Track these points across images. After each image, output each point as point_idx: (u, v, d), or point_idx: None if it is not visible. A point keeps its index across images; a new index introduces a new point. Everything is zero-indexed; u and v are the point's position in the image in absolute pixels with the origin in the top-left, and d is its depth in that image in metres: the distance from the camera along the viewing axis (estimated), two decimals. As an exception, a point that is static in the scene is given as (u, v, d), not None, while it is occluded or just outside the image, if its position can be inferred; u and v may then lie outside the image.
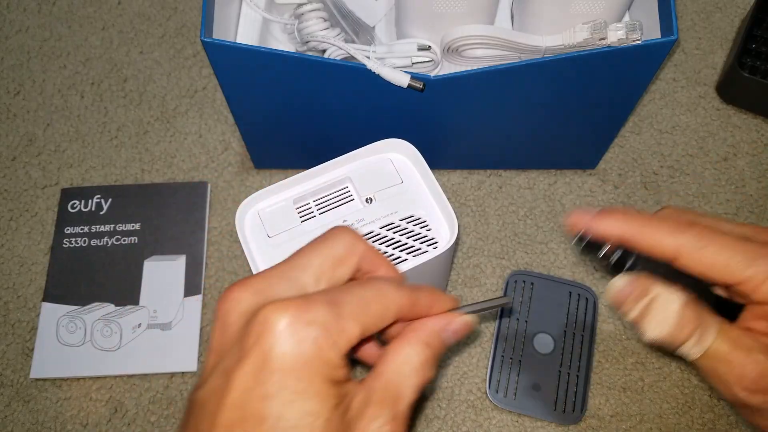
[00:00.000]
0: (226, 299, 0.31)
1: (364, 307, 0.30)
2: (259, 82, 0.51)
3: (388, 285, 0.31)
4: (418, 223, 0.45)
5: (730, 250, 0.33)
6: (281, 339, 0.28)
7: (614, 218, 0.36)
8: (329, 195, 0.46)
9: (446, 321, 0.34)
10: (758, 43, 0.68)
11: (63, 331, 0.60)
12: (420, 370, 0.32)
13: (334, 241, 0.33)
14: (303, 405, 0.28)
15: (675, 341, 0.34)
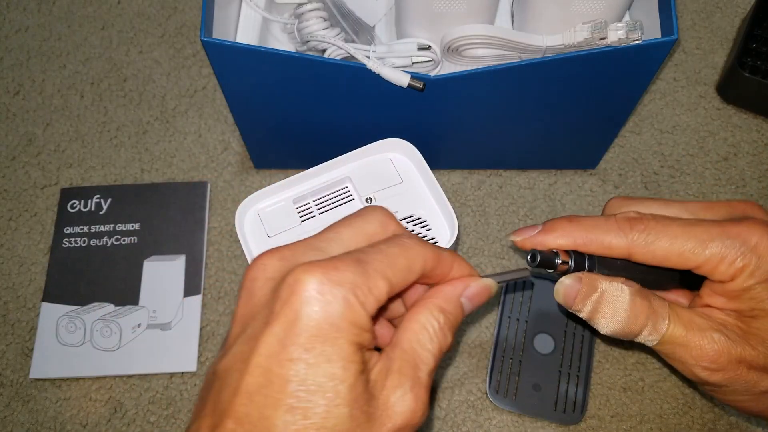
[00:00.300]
0: (252, 267, 0.30)
1: (391, 263, 0.30)
2: (259, 82, 0.51)
3: (413, 240, 0.31)
4: (419, 222, 0.45)
5: (680, 238, 0.34)
6: (310, 300, 0.27)
7: (561, 230, 0.35)
8: (329, 195, 0.46)
9: (464, 285, 0.33)
10: (759, 42, 0.67)
11: (62, 331, 0.60)
12: (438, 336, 0.31)
13: (367, 217, 0.33)
14: (328, 368, 0.27)
15: (630, 332, 0.35)
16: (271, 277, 0.30)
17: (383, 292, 0.29)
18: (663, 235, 0.34)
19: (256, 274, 0.30)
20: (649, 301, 0.35)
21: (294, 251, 0.31)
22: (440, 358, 0.32)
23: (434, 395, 0.58)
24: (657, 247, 0.34)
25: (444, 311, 0.32)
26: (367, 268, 0.29)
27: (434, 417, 0.57)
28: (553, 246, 0.35)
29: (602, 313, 0.35)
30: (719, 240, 0.33)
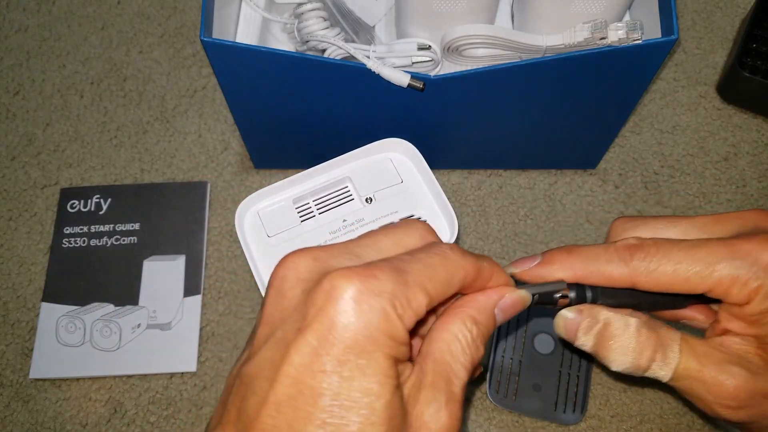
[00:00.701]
0: (282, 265, 0.28)
1: (431, 274, 0.28)
2: (259, 81, 0.51)
3: (453, 251, 0.29)
4: (418, 222, 0.45)
5: (684, 262, 0.31)
6: (348, 309, 0.25)
7: (560, 262, 0.34)
8: (329, 195, 0.46)
9: (499, 295, 0.31)
10: (759, 42, 0.67)
11: (62, 331, 0.60)
12: (470, 348, 0.29)
13: (408, 230, 0.31)
14: (364, 383, 0.25)
15: (638, 366, 0.33)
16: (303, 278, 0.28)
17: (422, 305, 0.27)
18: (666, 261, 0.31)
19: (287, 273, 0.28)
20: (657, 332, 0.33)
21: (329, 253, 0.29)
22: (473, 371, 0.30)
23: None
24: (660, 274, 0.32)
25: (477, 322, 0.30)
26: (407, 278, 0.27)
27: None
28: (552, 279, 0.34)
29: (606, 347, 0.33)
30: (727, 261, 0.31)
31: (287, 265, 0.28)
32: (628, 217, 0.36)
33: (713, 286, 0.31)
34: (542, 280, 0.34)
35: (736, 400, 0.31)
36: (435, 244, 0.30)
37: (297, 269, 0.28)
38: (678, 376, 0.32)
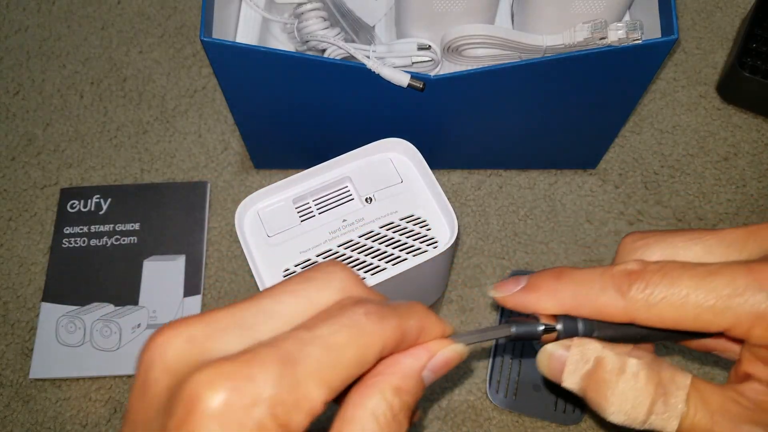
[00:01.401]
0: (150, 346, 0.22)
1: (334, 359, 0.22)
2: (259, 81, 0.51)
3: (369, 317, 0.23)
4: (418, 222, 0.45)
5: (694, 295, 0.25)
6: (214, 426, 0.20)
7: (546, 288, 0.28)
8: (329, 194, 0.46)
9: (429, 355, 0.26)
10: (759, 42, 0.67)
11: (62, 331, 0.60)
12: (390, 426, 0.24)
13: (321, 283, 0.25)
14: None
15: (634, 418, 0.26)
16: (171, 369, 0.22)
17: (318, 402, 0.22)
18: (671, 293, 0.25)
19: (153, 358, 0.22)
20: (660, 375, 0.26)
21: (210, 329, 0.22)
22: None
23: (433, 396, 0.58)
24: (664, 310, 0.25)
25: (400, 392, 0.24)
26: (297, 372, 0.21)
27: (434, 417, 0.57)
28: (537, 309, 0.28)
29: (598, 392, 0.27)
30: (749, 293, 0.24)
31: (155, 348, 0.22)
32: (641, 232, 0.30)
33: (731, 326, 0.24)
34: (525, 308, 0.29)
35: None
36: (346, 309, 0.23)
37: (165, 355, 0.22)
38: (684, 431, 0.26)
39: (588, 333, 0.28)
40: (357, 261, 0.44)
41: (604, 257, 0.63)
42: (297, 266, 0.43)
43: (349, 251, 0.44)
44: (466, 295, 0.61)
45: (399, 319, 0.24)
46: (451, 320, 0.60)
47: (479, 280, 0.62)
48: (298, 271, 0.43)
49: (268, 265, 0.43)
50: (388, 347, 0.24)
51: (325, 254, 0.44)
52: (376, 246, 0.44)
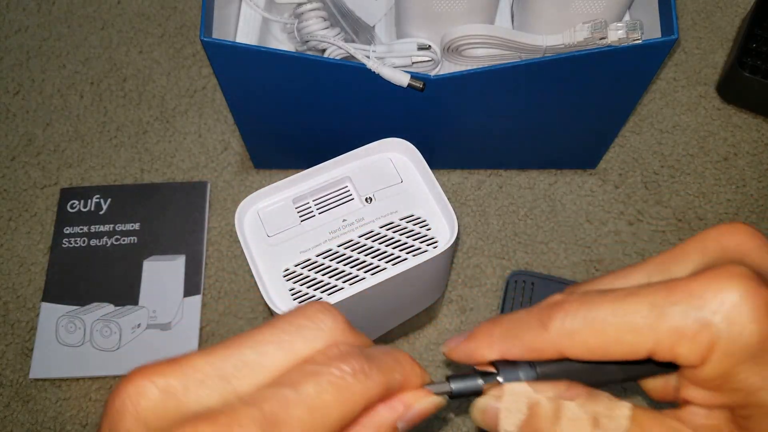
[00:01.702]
0: (121, 393, 0.21)
1: (318, 419, 0.21)
2: (259, 81, 0.51)
3: (354, 376, 0.22)
4: (418, 222, 0.45)
5: (614, 317, 0.23)
6: None
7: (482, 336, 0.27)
8: (329, 194, 0.46)
9: (405, 407, 0.25)
10: (759, 42, 0.67)
11: (62, 331, 0.60)
12: None
13: (305, 332, 0.23)
14: None
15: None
16: (144, 421, 0.20)
17: None
18: (590, 318, 0.24)
19: (125, 407, 0.20)
20: (597, 413, 0.25)
21: (187, 379, 0.21)
22: None
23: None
24: (586, 338, 0.24)
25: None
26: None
27: (434, 417, 0.57)
28: (477, 358, 0.27)
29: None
30: (669, 308, 0.22)
31: (127, 396, 0.20)
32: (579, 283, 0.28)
33: (654, 347, 0.23)
34: (468, 358, 0.27)
35: None
36: (332, 364, 0.22)
37: (138, 406, 0.20)
38: None
39: (530, 377, 0.26)
40: (357, 261, 0.44)
41: (604, 257, 0.63)
42: (297, 266, 0.43)
43: (349, 251, 0.44)
44: (466, 295, 0.61)
45: (384, 375, 0.23)
46: (451, 320, 0.60)
47: (479, 280, 0.62)
48: (299, 270, 0.43)
49: (268, 265, 0.44)
50: (372, 403, 0.23)
51: (325, 254, 0.44)
52: (376, 246, 0.44)
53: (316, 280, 0.43)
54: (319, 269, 0.43)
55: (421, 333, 0.60)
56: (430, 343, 0.60)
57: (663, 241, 0.63)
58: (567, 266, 0.62)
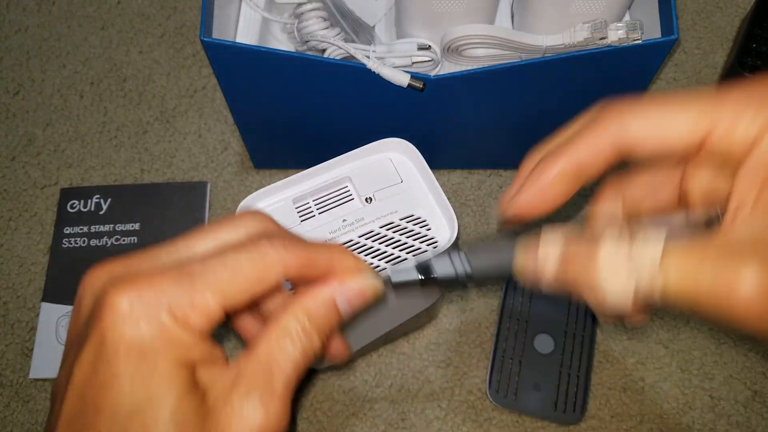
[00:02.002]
0: (83, 279, 0.28)
1: (231, 274, 0.26)
2: (259, 81, 0.51)
3: (273, 246, 0.27)
4: (418, 222, 0.45)
5: (670, 106, 0.26)
6: (119, 321, 0.25)
7: (529, 164, 0.28)
8: (329, 194, 0.46)
9: (339, 284, 0.29)
10: (759, 42, 0.67)
11: (62, 331, 0.60)
12: (301, 341, 0.27)
13: (232, 226, 0.29)
14: (143, 391, 0.25)
15: (628, 289, 0.24)
16: (95, 293, 0.27)
17: (214, 308, 0.26)
18: (646, 109, 0.26)
19: (84, 287, 0.27)
20: (631, 232, 0.24)
21: (128, 264, 0.27)
22: (304, 365, 0.28)
23: (433, 395, 0.58)
24: (646, 123, 0.25)
25: (310, 313, 0.28)
26: (194, 282, 0.26)
27: (434, 417, 0.57)
28: (546, 189, 0.27)
29: (580, 269, 0.25)
30: (727, 97, 0.25)
31: (84, 279, 0.28)
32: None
33: (709, 127, 0.24)
34: (535, 199, 0.27)
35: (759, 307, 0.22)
36: (252, 242, 0.27)
37: (92, 283, 0.27)
38: (670, 289, 0.23)
39: (463, 275, 0.28)
40: (357, 261, 0.44)
41: (604, 257, 0.63)
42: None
43: None
44: (466, 296, 0.61)
45: (305, 250, 0.28)
46: (451, 320, 0.60)
47: (479, 280, 0.62)
48: None
49: None
50: (292, 271, 0.27)
51: None
52: (376, 246, 0.44)
53: None
54: None
55: (421, 333, 0.60)
56: (430, 343, 0.60)
57: (663, 241, 0.63)
58: (567, 266, 0.62)
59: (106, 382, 0.25)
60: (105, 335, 0.25)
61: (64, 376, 0.27)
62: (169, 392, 0.25)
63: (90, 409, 0.25)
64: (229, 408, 0.26)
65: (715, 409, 0.57)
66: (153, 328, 0.25)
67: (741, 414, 0.57)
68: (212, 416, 0.26)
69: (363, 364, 0.59)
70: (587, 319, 0.59)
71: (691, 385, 0.58)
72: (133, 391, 0.25)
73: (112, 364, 0.25)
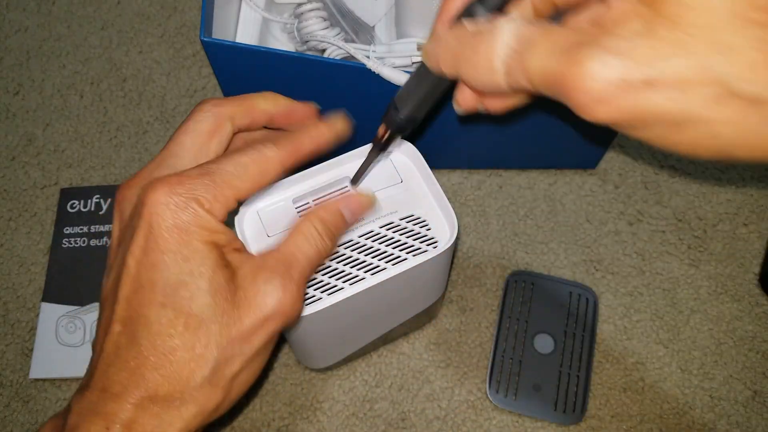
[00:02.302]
0: (119, 191, 0.37)
1: (241, 172, 0.34)
2: (259, 81, 0.51)
3: (267, 146, 0.36)
4: (418, 222, 0.45)
5: None
6: (159, 211, 0.32)
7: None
8: (328, 194, 0.46)
9: (345, 198, 0.39)
10: (759, 42, 0.67)
11: (62, 331, 0.60)
12: (316, 241, 0.36)
13: (198, 115, 0.37)
14: (186, 266, 0.32)
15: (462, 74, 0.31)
16: (131, 200, 0.35)
17: (230, 198, 0.34)
18: None
19: (123, 199, 0.36)
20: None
21: (150, 173, 0.36)
22: (318, 261, 0.36)
23: (433, 395, 0.58)
24: None
25: (323, 220, 0.37)
26: (215, 178, 0.33)
27: (434, 417, 0.57)
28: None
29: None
30: None
31: (118, 194, 0.37)
32: None
33: None
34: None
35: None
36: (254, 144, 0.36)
37: (126, 194, 0.36)
38: (530, 70, 0.27)
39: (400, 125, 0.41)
40: (357, 261, 0.44)
41: (604, 257, 0.63)
42: (297, 266, 0.43)
43: (349, 251, 0.44)
44: (466, 295, 0.61)
45: (292, 143, 0.37)
46: (451, 320, 0.60)
47: (479, 280, 0.62)
48: None
49: None
50: (288, 160, 0.37)
51: None
52: (376, 246, 0.44)
53: (316, 279, 0.43)
54: (319, 269, 0.43)
55: (421, 333, 0.60)
56: (430, 343, 0.60)
57: (663, 241, 0.63)
58: (567, 266, 0.62)
59: (156, 262, 0.32)
60: (151, 222, 0.32)
61: (117, 268, 0.34)
62: (205, 266, 0.32)
63: (146, 286, 0.32)
64: (254, 286, 0.33)
65: (715, 409, 0.57)
66: (189, 214, 0.32)
67: (741, 414, 0.57)
68: (240, 290, 0.33)
69: (363, 364, 0.59)
70: (587, 320, 0.59)
71: (691, 385, 0.58)
72: (178, 266, 0.32)
73: (160, 243, 0.32)
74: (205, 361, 0.32)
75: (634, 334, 0.59)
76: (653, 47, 0.23)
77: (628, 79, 0.24)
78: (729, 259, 0.62)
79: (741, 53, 0.22)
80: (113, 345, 0.33)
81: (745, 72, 0.22)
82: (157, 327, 0.32)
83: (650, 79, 0.23)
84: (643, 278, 0.62)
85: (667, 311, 0.60)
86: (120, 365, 0.32)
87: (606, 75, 0.24)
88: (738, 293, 0.61)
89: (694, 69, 0.23)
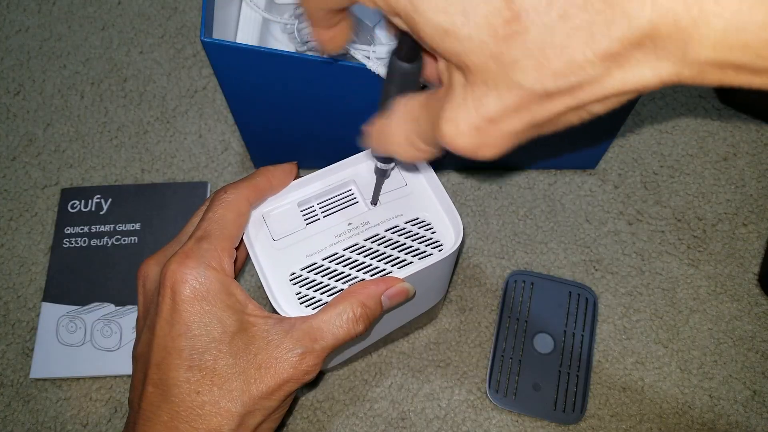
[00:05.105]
0: (139, 275, 0.42)
1: (222, 223, 0.39)
2: (259, 82, 0.51)
3: (226, 192, 0.41)
4: (423, 225, 0.45)
5: None
6: (182, 280, 0.37)
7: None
8: (333, 198, 0.46)
9: (386, 286, 0.40)
10: None
11: (63, 331, 0.60)
12: (349, 324, 0.38)
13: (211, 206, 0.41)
14: (207, 333, 0.37)
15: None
16: (152, 277, 0.41)
17: (229, 248, 0.39)
18: None
19: (143, 276, 0.42)
20: None
21: (166, 252, 0.42)
22: (344, 340, 0.38)
23: (434, 395, 0.58)
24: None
25: (364, 305, 0.38)
26: (210, 239, 0.38)
27: (434, 417, 0.57)
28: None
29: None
30: None
31: (142, 273, 0.42)
32: None
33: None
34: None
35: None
36: (215, 198, 0.41)
37: (148, 271, 0.42)
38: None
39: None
40: (363, 264, 0.44)
41: (604, 257, 0.63)
42: (303, 270, 0.43)
43: (355, 255, 0.44)
44: (465, 295, 0.62)
45: (250, 183, 0.42)
46: (450, 320, 0.60)
47: (479, 279, 0.62)
48: (305, 274, 0.43)
49: (274, 268, 0.43)
50: (252, 199, 0.42)
51: (332, 257, 0.44)
52: (381, 249, 0.44)
53: (323, 283, 0.43)
54: (325, 273, 0.43)
55: (421, 333, 0.60)
56: (430, 342, 0.60)
57: (662, 241, 0.63)
58: (567, 266, 0.63)
59: (181, 332, 0.36)
60: (175, 291, 0.37)
61: (146, 339, 0.38)
62: (226, 334, 0.37)
63: (173, 353, 0.36)
64: (278, 352, 0.37)
65: (714, 409, 0.57)
66: (203, 281, 0.37)
67: (741, 414, 0.57)
68: (263, 353, 0.37)
69: (363, 364, 0.59)
70: (587, 319, 0.59)
71: (691, 385, 0.58)
72: (201, 334, 0.36)
73: (183, 315, 0.36)
74: (231, 415, 0.36)
75: (633, 334, 0.60)
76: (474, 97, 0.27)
77: (475, 123, 0.27)
78: (728, 259, 0.63)
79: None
80: (149, 403, 0.37)
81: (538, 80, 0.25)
82: (186, 386, 0.36)
83: (488, 116, 0.26)
84: (643, 278, 0.62)
85: (667, 311, 0.61)
86: (155, 419, 0.37)
87: (462, 129, 0.27)
88: (737, 293, 0.61)
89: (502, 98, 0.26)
